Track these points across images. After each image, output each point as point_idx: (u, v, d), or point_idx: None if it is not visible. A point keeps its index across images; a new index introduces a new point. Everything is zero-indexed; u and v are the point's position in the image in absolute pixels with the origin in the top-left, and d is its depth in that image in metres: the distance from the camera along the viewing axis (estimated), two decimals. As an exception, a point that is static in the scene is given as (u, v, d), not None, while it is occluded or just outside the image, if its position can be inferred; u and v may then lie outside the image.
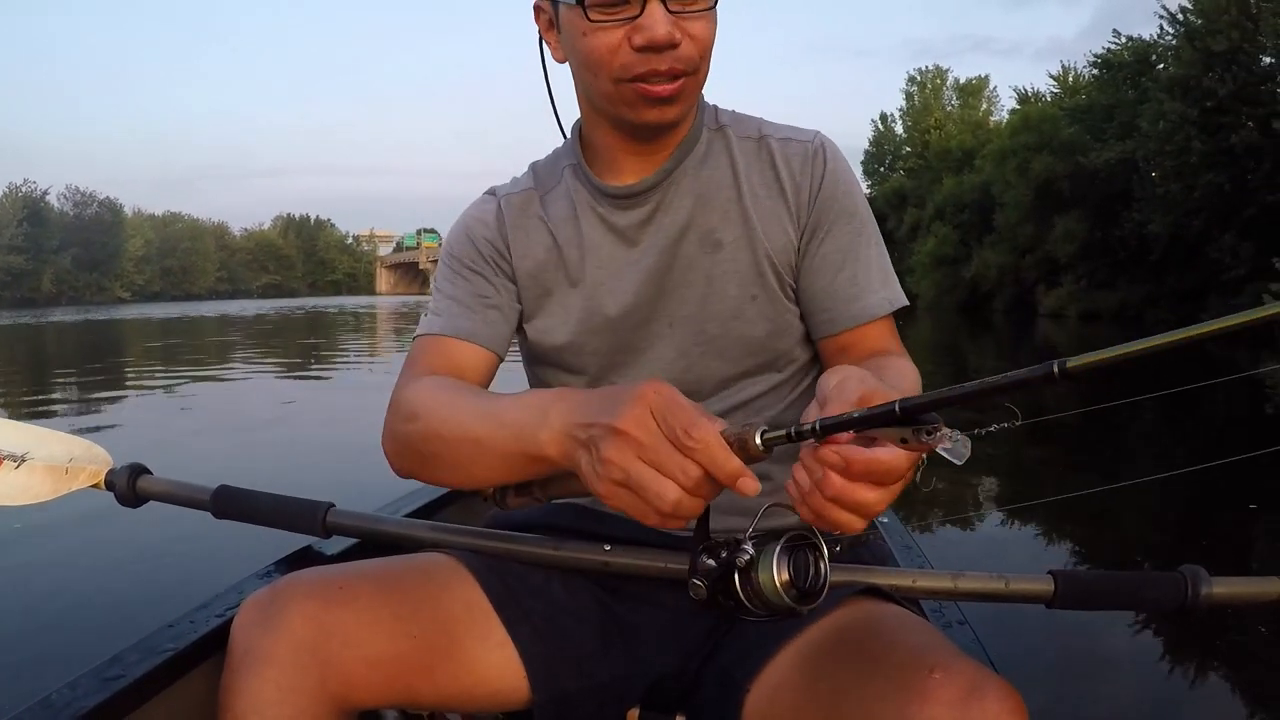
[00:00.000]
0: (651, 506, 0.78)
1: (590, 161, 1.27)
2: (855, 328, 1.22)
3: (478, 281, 1.27)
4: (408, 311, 43.13)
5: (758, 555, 0.81)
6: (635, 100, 1.11)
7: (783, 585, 0.79)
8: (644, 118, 1.13)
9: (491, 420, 1.00)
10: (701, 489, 0.77)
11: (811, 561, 0.82)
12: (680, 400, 0.80)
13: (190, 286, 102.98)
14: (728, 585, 0.82)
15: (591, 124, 1.24)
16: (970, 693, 0.84)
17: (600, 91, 1.13)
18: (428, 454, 1.09)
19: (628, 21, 1.06)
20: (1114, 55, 35.04)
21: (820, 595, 0.82)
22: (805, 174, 1.23)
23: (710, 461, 0.76)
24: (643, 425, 0.79)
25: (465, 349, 1.23)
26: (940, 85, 62.69)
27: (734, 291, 1.22)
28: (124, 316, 43.58)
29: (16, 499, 1.43)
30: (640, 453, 0.78)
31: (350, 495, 1.49)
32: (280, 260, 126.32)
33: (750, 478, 0.77)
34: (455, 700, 1.13)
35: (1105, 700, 2.76)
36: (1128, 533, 4.83)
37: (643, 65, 1.08)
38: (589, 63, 1.11)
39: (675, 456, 0.77)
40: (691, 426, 0.77)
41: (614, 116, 1.17)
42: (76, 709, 1.04)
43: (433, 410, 1.09)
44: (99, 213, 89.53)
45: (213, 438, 7.77)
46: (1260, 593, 1.11)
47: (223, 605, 1.30)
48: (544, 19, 1.19)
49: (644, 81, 1.09)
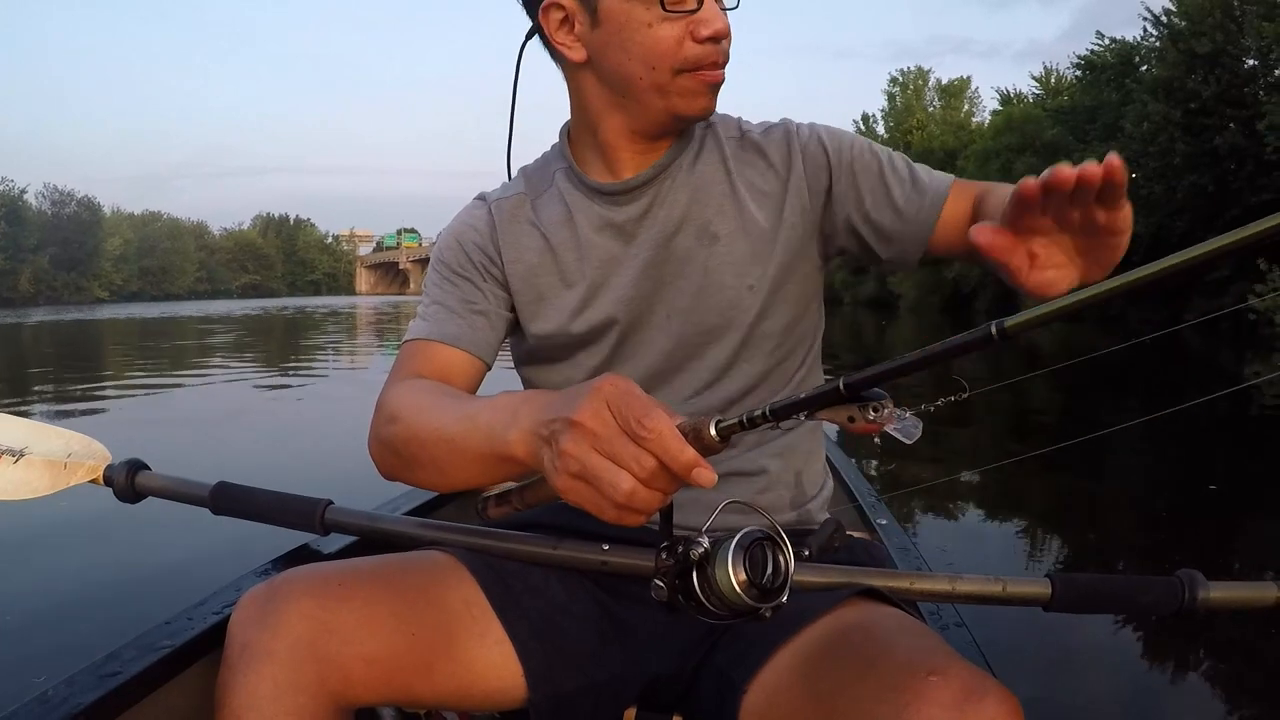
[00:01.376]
0: (606, 498, 0.77)
1: (581, 163, 1.30)
2: (944, 204, 1.22)
3: (466, 287, 1.29)
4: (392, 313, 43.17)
5: (714, 551, 0.79)
6: (696, 89, 1.16)
7: (740, 584, 0.78)
8: (697, 107, 1.18)
9: (466, 422, 0.99)
10: (657, 480, 0.76)
11: (770, 559, 0.80)
12: (636, 392, 0.79)
13: (169, 286, 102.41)
14: (688, 584, 0.81)
15: (603, 122, 1.24)
16: (967, 695, 0.84)
17: (654, 83, 1.16)
18: (408, 456, 1.09)
19: (687, 14, 1.12)
20: (1097, 57, 35.27)
21: (782, 594, 0.80)
22: (791, 154, 1.27)
23: (664, 451, 0.75)
24: (598, 417, 0.78)
25: (451, 354, 1.24)
26: (922, 86, 63.02)
27: (731, 282, 1.24)
28: (107, 316, 43.16)
29: (15, 494, 1.43)
30: (595, 444, 0.78)
31: (348, 493, 1.48)
32: (260, 260, 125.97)
33: (706, 469, 0.76)
34: (452, 698, 1.13)
35: (1102, 703, 2.76)
36: (1125, 537, 4.84)
37: (708, 56, 1.14)
38: (650, 54, 1.14)
39: (630, 447, 0.76)
40: (645, 416, 0.76)
41: (664, 109, 1.19)
42: (73, 706, 1.04)
43: (412, 413, 1.09)
44: (77, 211, 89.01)
45: (210, 435, 7.74)
46: (1257, 597, 1.11)
47: (220, 602, 1.30)
48: (557, 18, 1.19)
49: (706, 70, 1.15)
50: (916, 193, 1.22)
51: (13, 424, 1.49)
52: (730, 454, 1.21)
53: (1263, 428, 8.46)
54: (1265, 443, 7.71)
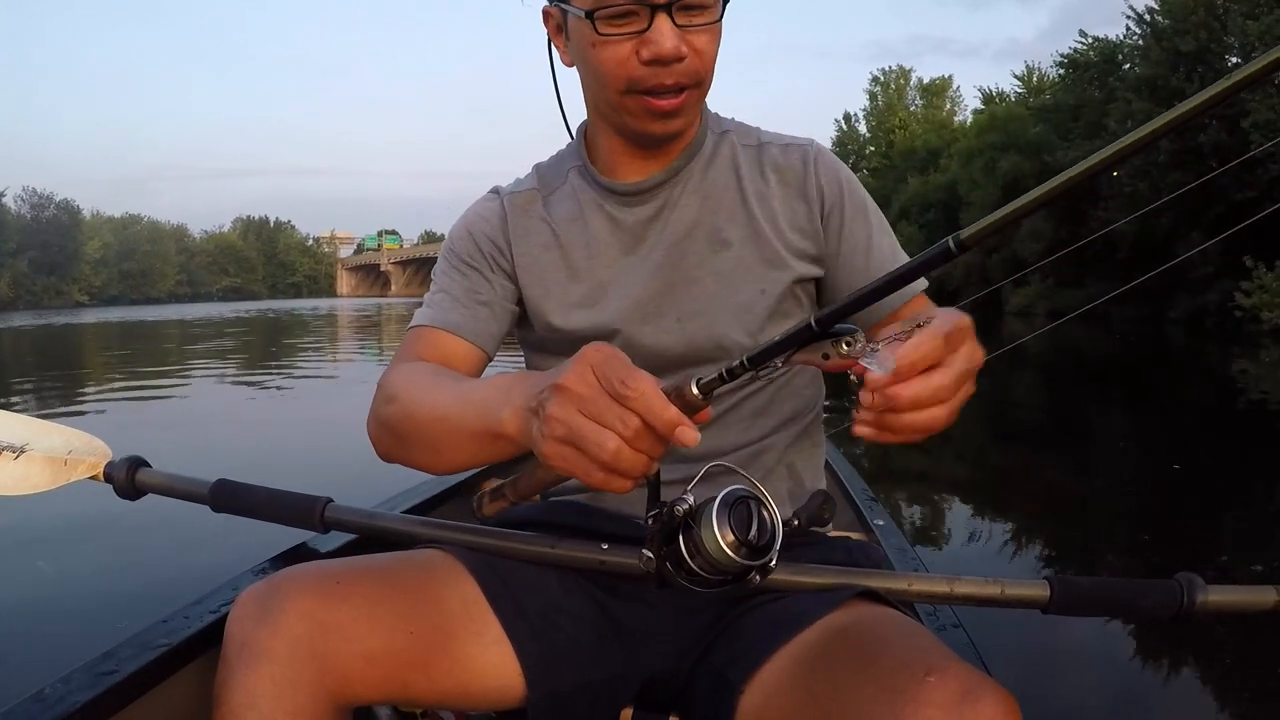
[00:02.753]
0: (592, 459, 0.78)
1: (595, 162, 1.30)
2: (900, 308, 1.25)
3: (474, 277, 1.30)
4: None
5: (699, 511, 0.81)
6: (640, 112, 1.15)
7: (729, 545, 0.79)
8: (648, 129, 1.17)
9: (461, 401, 1.00)
10: (641, 440, 0.77)
11: (755, 516, 0.81)
12: (619, 355, 0.81)
13: (150, 290, 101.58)
14: (676, 552, 0.82)
15: (598, 128, 1.27)
16: (965, 696, 0.84)
17: (606, 101, 1.17)
18: (402, 434, 1.11)
19: (635, 35, 1.09)
20: (1080, 55, 35.34)
21: (772, 551, 0.81)
22: (809, 175, 1.27)
23: (647, 410, 0.77)
24: (583, 380, 0.79)
25: (453, 341, 1.26)
26: (904, 85, 63.32)
27: (744, 288, 1.24)
28: (93, 320, 42.79)
29: (15, 489, 1.43)
30: (581, 406, 0.78)
31: (348, 491, 1.48)
32: (241, 263, 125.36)
33: (689, 427, 0.78)
34: (450, 697, 1.13)
35: (1099, 704, 2.76)
36: (1124, 539, 4.84)
37: (651, 79, 1.11)
38: (596, 74, 1.14)
39: (614, 407, 0.77)
40: (628, 377, 0.77)
41: (619, 126, 1.20)
42: (69, 704, 1.04)
43: (410, 392, 1.11)
44: (57, 215, 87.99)
45: (210, 433, 7.72)
46: (1255, 601, 1.12)
47: (218, 600, 1.29)
48: (553, 23, 1.22)
49: (650, 95, 1.12)
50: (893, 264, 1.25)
51: (14, 420, 1.49)
52: (728, 458, 1.24)
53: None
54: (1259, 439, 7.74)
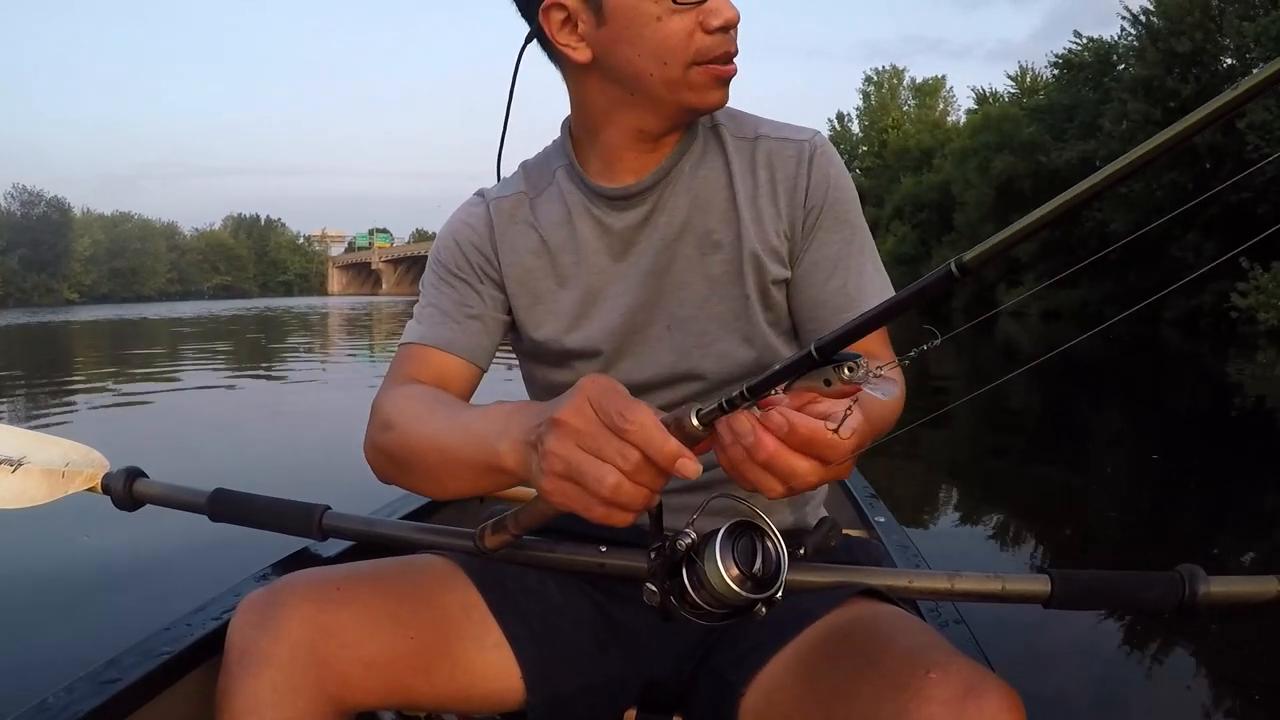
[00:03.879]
0: (592, 494, 0.77)
1: (583, 162, 1.26)
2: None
3: (463, 289, 1.27)
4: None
5: (702, 546, 0.80)
6: (708, 83, 1.13)
7: (733, 579, 0.78)
8: (710, 100, 1.15)
9: (460, 431, 0.99)
10: (642, 473, 0.76)
11: (759, 548, 0.80)
12: (617, 387, 0.80)
13: (140, 288, 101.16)
14: (679, 584, 0.81)
15: (607, 123, 1.21)
16: (968, 692, 0.84)
17: (665, 79, 1.13)
18: (402, 462, 1.09)
19: (696, 5, 1.09)
20: (1075, 55, 35.36)
21: (777, 583, 0.80)
22: (798, 177, 1.23)
23: (647, 442, 0.75)
24: (581, 414, 0.78)
25: (445, 359, 1.23)
26: (897, 85, 63.31)
27: (734, 292, 1.22)
28: (88, 318, 42.55)
29: (13, 502, 1.42)
30: (579, 440, 0.77)
31: (346, 498, 1.48)
32: (232, 261, 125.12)
33: (690, 459, 0.76)
34: (452, 701, 1.14)
35: (1102, 698, 2.75)
36: (1125, 532, 4.83)
37: (719, 47, 1.11)
38: (661, 49, 1.11)
39: (613, 441, 0.76)
40: (626, 409, 0.76)
41: (675, 103, 1.16)
42: (73, 713, 1.05)
43: (406, 420, 1.09)
44: (47, 212, 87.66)
45: (207, 442, 7.66)
46: (1258, 592, 1.10)
47: (219, 608, 1.30)
48: (559, 18, 1.15)
49: (718, 63, 1.12)
50: (844, 302, 1.21)
51: (10, 434, 1.49)
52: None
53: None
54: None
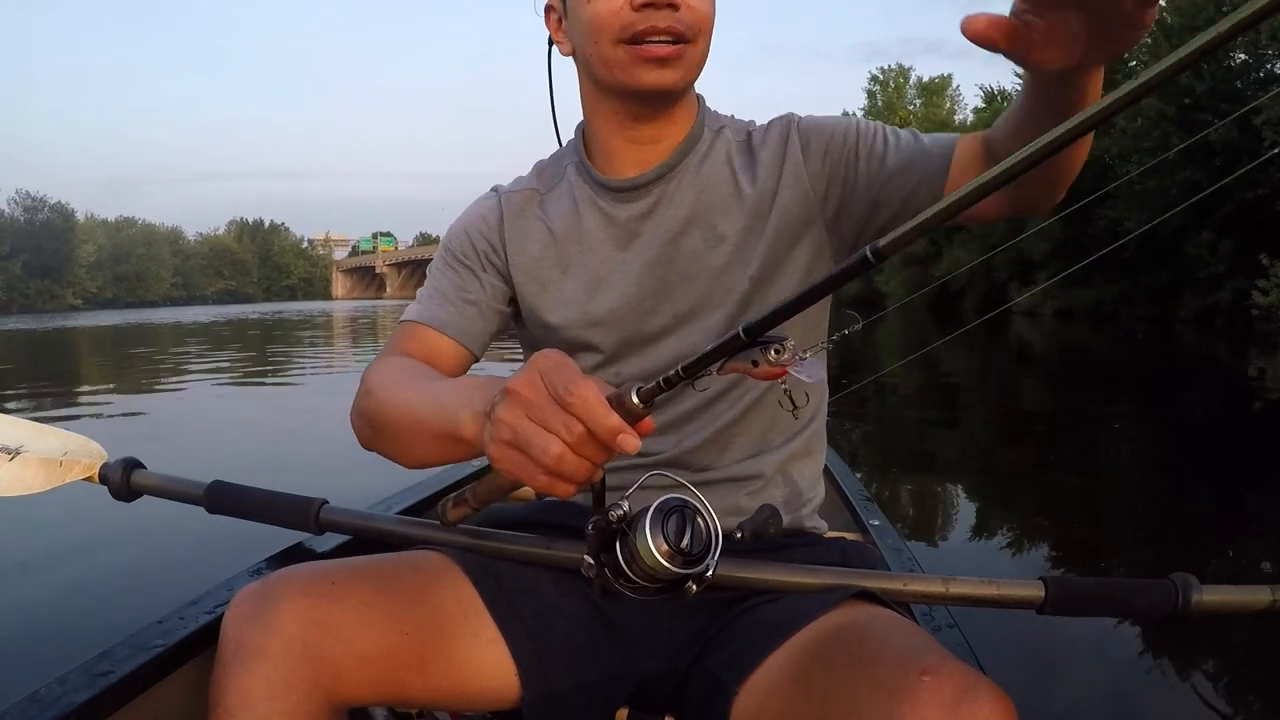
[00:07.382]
0: (536, 462, 0.79)
1: (592, 158, 1.31)
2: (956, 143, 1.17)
3: (465, 276, 1.31)
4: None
5: (634, 520, 0.82)
6: (635, 62, 1.14)
7: (662, 554, 0.80)
8: (642, 80, 1.16)
9: (430, 401, 1.01)
10: (585, 446, 0.78)
11: (690, 525, 0.82)
12: (567, 362, 0.81)
13: (144, 293, 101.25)
14: (614, 559, 0.83)
15: (594, 115, 1.27)
16: (961, 695, 0.84)
17: (601, 58, 1.16)
18: (377, 427, 1.13)
19: None
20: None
21: (708, 561, 0.82)
22: (791, 138, 1.25)
23: (590, 416, 0.77)
24: (531, 385, 0.80)
25: (438, 339, 1.27)
26: (903, 84, 63.01)
27: (741, 284, 1.23)
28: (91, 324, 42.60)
29: (10, 490, 1.43)
30: (528, 410, 0.79)
31: (343, 493, 1.49)
32: (236, 265, 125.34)
33: (630, 434, 0.78)
34: (446, 697, 1.14)
35: (1095, 704, 2.77)
36: (1125, 538, 4.83)
37: (642, 22, 1.11)
38: (591, 28, 1.14)
39: (559, 413, 0.78)
40: (572, 383, 0.78)
41: (614, 85, 1.18)
42: (65, 704, 1.04)
43: (386, 387, 1.13)
44: (50, 218, 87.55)
45: (205, 435, 7.73)
46: (1250, 601, 1.11)
47: (213, 601, 1.30)
48: (554, 17, 1.25)
49: (644, 41, 1.12)
50: (918, 139, 1.20)
51: (8, 422, 1.50)
52: (730, 460, 1.26)
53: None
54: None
